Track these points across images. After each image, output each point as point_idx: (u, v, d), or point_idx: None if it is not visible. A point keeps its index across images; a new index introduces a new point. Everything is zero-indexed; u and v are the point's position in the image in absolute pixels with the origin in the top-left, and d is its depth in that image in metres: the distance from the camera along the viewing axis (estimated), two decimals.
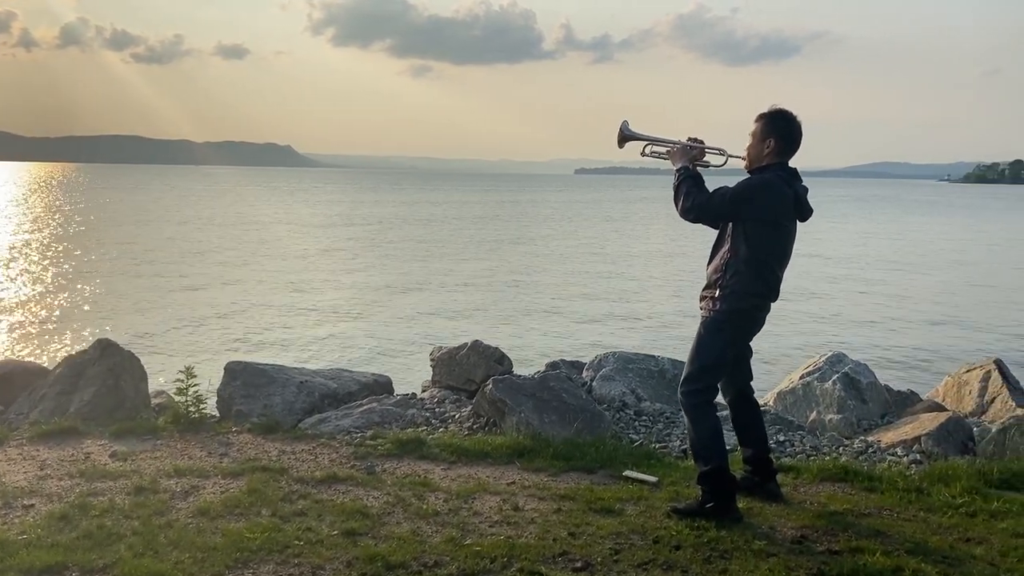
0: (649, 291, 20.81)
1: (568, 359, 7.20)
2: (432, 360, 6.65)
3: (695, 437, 3.91)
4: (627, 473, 4.44)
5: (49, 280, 20.58)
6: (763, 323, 3.96)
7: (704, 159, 4.12)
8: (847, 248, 33.86)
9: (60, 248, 28.26)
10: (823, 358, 6.55)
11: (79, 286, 19.48)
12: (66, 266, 23.32)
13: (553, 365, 6.68)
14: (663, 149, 4.16)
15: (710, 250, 3.99)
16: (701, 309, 3.94)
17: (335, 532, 3.58)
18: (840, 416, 5.92)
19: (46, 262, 24.38)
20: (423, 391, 6.49)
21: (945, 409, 6.09)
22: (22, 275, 21.51)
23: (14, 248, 28.23)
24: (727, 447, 3.98)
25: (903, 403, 6.43)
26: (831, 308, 18.32)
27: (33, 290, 18.96)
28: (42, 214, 47.11)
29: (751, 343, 4.10)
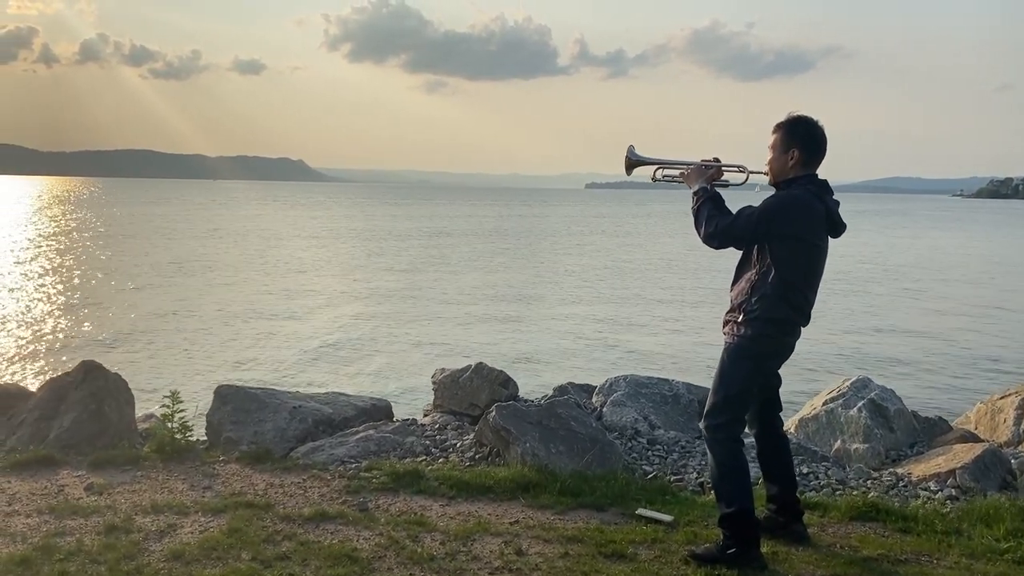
0: (664, 309, 20.41)
1: (578, 382, 6.85)
2: (434, 383, 6.33)
3: (717, 475, 3.57)
4: (640, 511, 4.10)
5: (44, 297, 20.25)
6: (792, 349, 3.61)
7: (722, 178, 3.78)
8: (865, 264, 33.38)
9: (60, 264, 28.00)
10: (847, 383, 6.19)
11: (76, 303, 19.14)
12: (64, 283, 23.03)
13: (562, 389, 6.34)
14: (676, 172, 3.85)
15: (734, 270, 3.67)
16: (724, 335, 3.61)
17: None
18: (867, 446, 5.56)
19: (44, 278, 24.05)
20: (424, 416, 6.17)
21: (979, 439, 5.71)
22: (16, 292, 21.09)
23: (11, 264, 27.88)
24: (752, 482, 3.64)
25: (932, 431, 6.06)
26: (850, 327, 17.89)
27: (26, 308, 18.56)
28: (44, 229, 46.89)
29: (779, 371, 3.76)
